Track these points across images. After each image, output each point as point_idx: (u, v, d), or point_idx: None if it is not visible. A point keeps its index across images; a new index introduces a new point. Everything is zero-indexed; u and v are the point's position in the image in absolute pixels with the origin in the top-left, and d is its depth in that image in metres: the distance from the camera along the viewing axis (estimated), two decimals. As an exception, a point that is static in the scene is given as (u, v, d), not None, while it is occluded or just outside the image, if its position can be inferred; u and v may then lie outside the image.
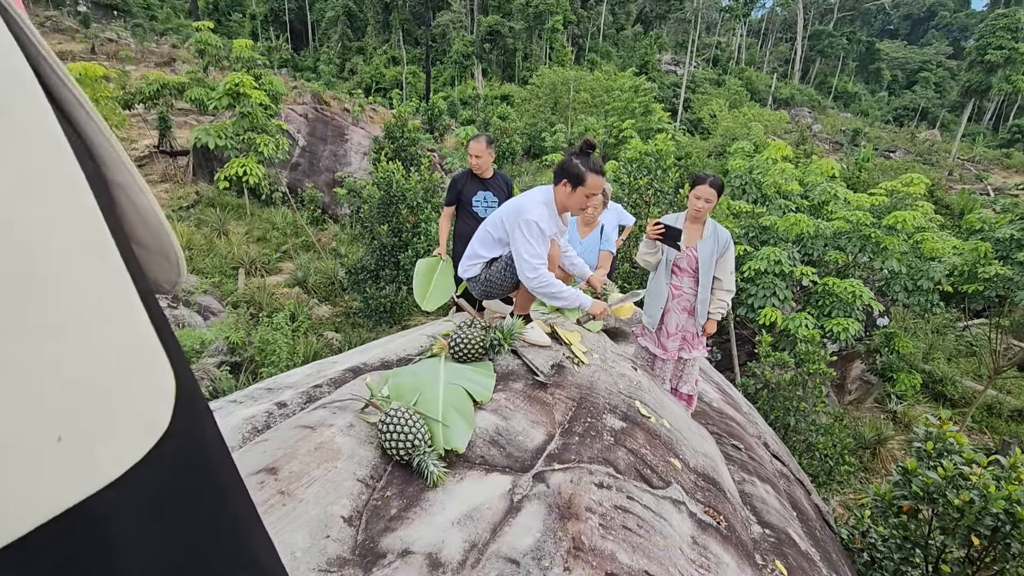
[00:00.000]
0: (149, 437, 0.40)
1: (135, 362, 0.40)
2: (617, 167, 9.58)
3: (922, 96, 49.12)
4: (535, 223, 2.35)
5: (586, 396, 2.22)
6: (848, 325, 7.33)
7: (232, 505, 0.51)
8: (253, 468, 1.44)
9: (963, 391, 10.82)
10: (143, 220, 0.48)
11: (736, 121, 25.41)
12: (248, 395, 2.32)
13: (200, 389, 0.51)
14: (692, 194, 3.14)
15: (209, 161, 14.69)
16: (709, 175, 3.12)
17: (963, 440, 3.09)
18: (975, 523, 2.70)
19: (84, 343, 0.36)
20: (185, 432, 0.45)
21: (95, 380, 0.37)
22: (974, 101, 37.72)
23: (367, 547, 1.29)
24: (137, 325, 0.41)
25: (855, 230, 8.06)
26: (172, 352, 0.45)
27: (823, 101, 47.13)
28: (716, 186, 3.07)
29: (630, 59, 40.68)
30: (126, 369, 0.39)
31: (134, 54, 23.52)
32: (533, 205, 2.41)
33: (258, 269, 11.18)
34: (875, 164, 23.23)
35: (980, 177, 30.15)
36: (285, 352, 6.96)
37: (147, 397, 0.41)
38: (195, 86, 14.90)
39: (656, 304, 3.33)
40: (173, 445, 0.43)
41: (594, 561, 1.34)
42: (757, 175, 8.78)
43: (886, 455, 8.27)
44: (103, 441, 0.37)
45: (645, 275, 8.55)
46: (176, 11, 37.52)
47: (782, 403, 5.62)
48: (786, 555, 2.17)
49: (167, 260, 0.50)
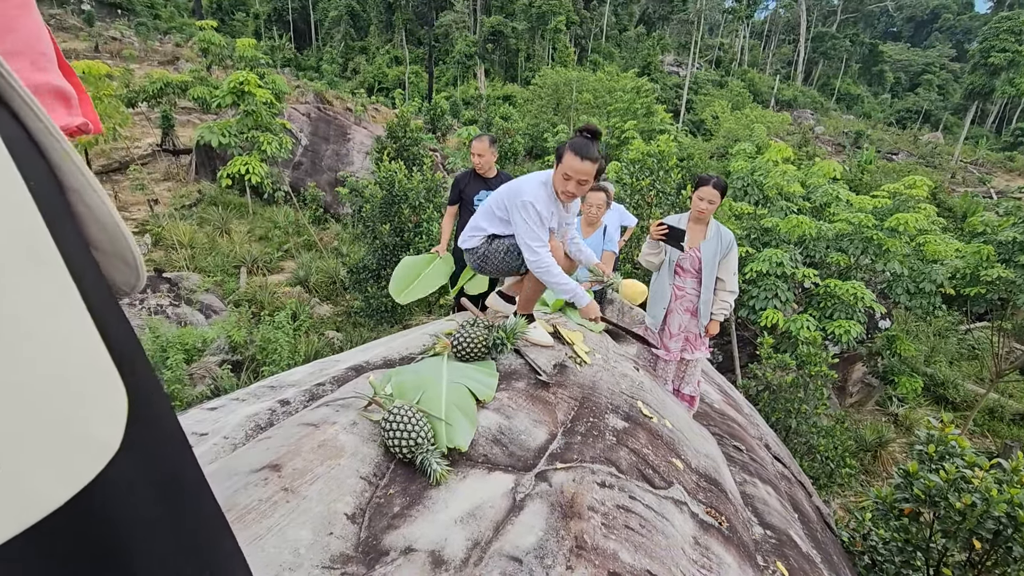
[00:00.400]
0: (99, 459, 0.39)
1: (81, 383, 0.39)
2: (619, 168, 9.58)
3: (925, 98, 49.07)
4: (531, 204, 2.32)
5: (588, 396, 2.23)
6: (850, 327, 7.33)
7: (196, 508, 0.51)
8: (256, 465, 1.44)
9: (965, 394, 10.80)
10: (99, 223, 0.47)
11: (738, 123, 25.39)
12: (251, 393, 2.33)
13: (161, 391, 0.50)
14: (695, 195, 3.14)
15: (212, 160, 14.72)
16: (712, 176, 3.12)
17: (965, 443, 3.08)
18: (977, 526, 2.69)
19: (24, 364, 0.34)
20: (140, 444, 0.44)
21: (38, 403, 0.35)
22: (977, 104, 37.67)
23: (370, 544, 1.30)
24: (86, 343, 0.40)
25: (857, 232, 8.05)
26: (128, 362, 0.43)
27: (826, 103, 47.10)
28: (719, 187, 3.07)
29: (633, 60, 40.70)
30: (72, 391, 0.38)
31: (138, 52, 23.57)
32: (531, 186, 2.38)
33: (260, 268, 11.20)
34: (877, 166, 23.20)
35: (983, 180, 30.10)
36: (286, 351, 6.97)
37: (95, 417, 0.40)
38: (198, 85, 14.93)
39: (659, 305, 3.34)
40: (127, 460, 0.42)
41: (597, 560, 1.34)
42: (759, 176, 8.78)
43: (887, 458, 8.26)
44: (46, 467, 0.35)
45: (647, 275, 8.56)
46: (180, 10, 37.58)
47: (783, 405, 5.61)
48: (787, 556, 2.17)
49: (125, 263, 0.49)
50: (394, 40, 43.24)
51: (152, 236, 11.13)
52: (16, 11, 0.59)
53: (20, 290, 0.35)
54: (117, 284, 0.50)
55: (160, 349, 5.90)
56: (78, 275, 0.40)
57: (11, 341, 0.34)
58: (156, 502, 0.46)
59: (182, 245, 11.05)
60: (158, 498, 0.47)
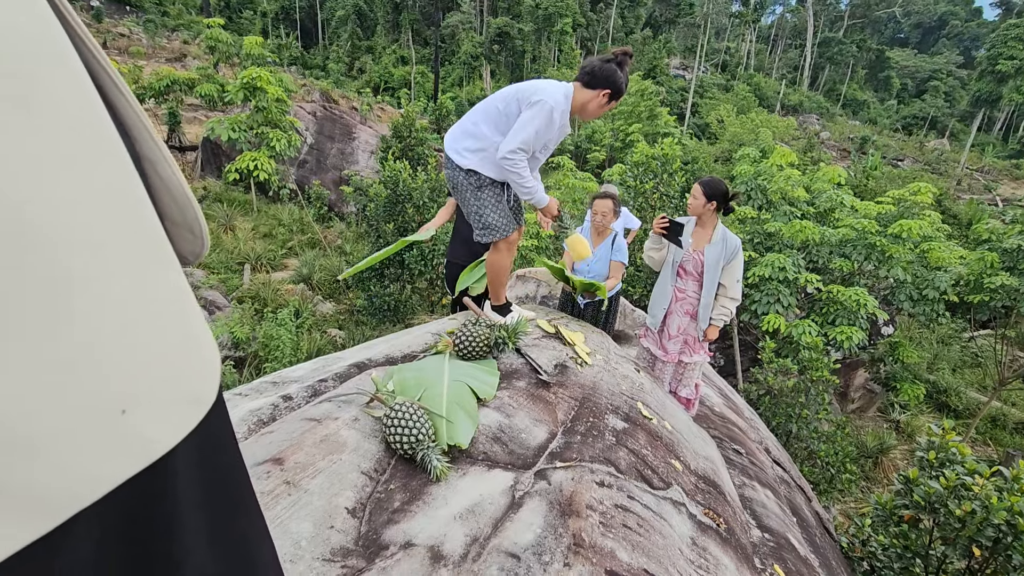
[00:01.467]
0: (198, 410, 0.42)
1: (184, 338, 0.42)
2: (623, 171, 9.59)
3: (931, 105, 48.90)
4: (552, 111, 2.20)
5: (589, 396, 2.24)
6: (852, 334, 7.31)
7: (248, 483, 0.53)
8: (259, 458, 1.46)
9: (967, 402, 10.76)
10: (171, 195, 0.48)
11: (744, 127, 25.37)
12: (254, 388, 2.34)
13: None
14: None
15: (217, 157, 14.78)
16: (706, 177, 3.16)
17: (966, 451, 3.08)
18: (976, 534, 2.69)
19: (136, 316, 0.37)
20: (220, 406, 0.46)
21: (150, 354, 0.38)
22: (984, 111, 37.53)
23: (370, 538, 1.31)
24: (188, 302, 0.43)
25: (861, 238, 8.04)
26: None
27: (832, 108, 46.99)
28: (703, 184, 3.10)
29: (638, 63, 40.68)
30: (177, 345, 0.41)
31: (145, 49, 23.70)
32: (554, 93, 2.24)
33: (263, 265, 11.24)
34: (883, 172, 23.14)
35: (989, 187, 29.98)
36: (289, 348, 6.99)
37: (196, 370, 0.43)
38: (205, 82, 15.00)
39: (659, 305, 3.34)
40: (214, 419, 0.44)
41: (594, 558, 1.35)
42: (763, 181, 8.78)
43: (888, 464, 8.24)
44: (158, 413, 0.38)
45: (648, 277, 8.56)
46: (188, 7, 37.73)
47: (784, 410, 5.61)
48: (785, 560, 2.17)
49: (192, 233, 0.51)
50: (400, 40, 43.35)
51: (157, 232, 11.16)
52: None
53: (137, 259, 0.38)
54: (184, 254, 0.52)
55: (163, 344, 5.95)
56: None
57: (142, 301, 0.37)
58: (227, 468, 0.49)
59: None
60: (229, 463, 0.49)
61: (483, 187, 2.40)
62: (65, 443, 0.32)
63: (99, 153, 0.36)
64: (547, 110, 2.19)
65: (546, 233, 8.64)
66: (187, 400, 0.41)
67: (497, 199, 2.43)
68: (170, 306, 0.41)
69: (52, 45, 0.34)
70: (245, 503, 0.52)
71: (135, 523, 0.38)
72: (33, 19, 0.33)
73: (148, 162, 0.47)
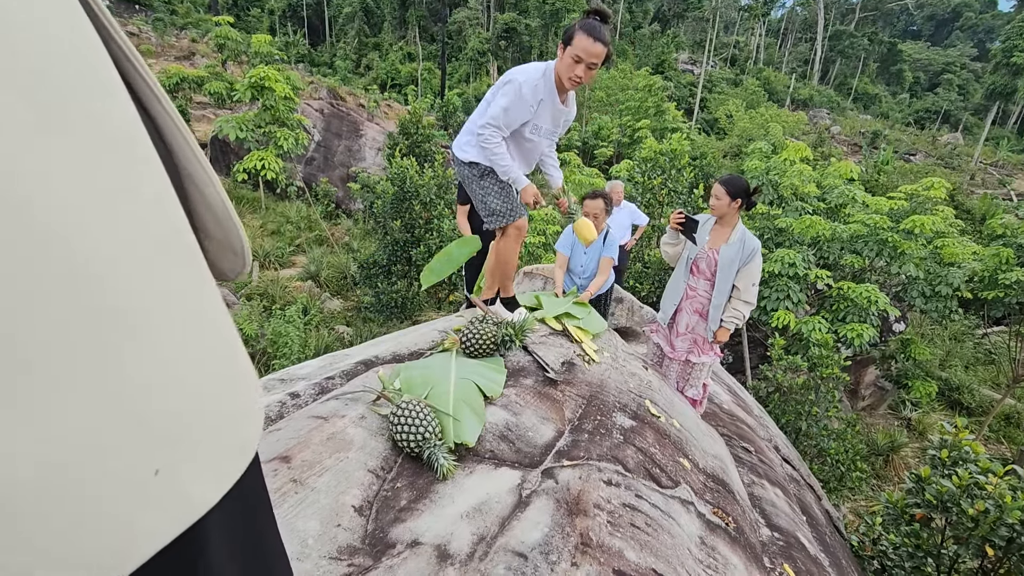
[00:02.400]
0: (243, 460, 0.38)
1: (231, 372, 0.37)
2: (631, 166, 9.53)
3: (945, 98, 48.19)
4: (520, 85, 2.23)
5: (596, 394, 2.22)
6: (863, 331, 7.23)
7: (281, 546, 0.50)
8: (267, 456, 1.46)
9: (980, 400, 10.62)
10: (212, 211, 0.46)
11: (753, 122, 25.12)
12: (261, 385, 2.35)
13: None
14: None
15: (226, 155, 14.86)
16: (727, 175, 3.12)
17: (979, 449, 3.03)
18: (989, 533, 2.65)
19: (178, 358, 0.33)
20: (257, 455, 0.43)
21: (190, 404, 0.34)
22: (998, 104, 36.93)
23: (377, 537, 1.31)
24: (226, 337, 0.38)
25: (872, 234, 7.94)
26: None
27: (842, 102, 46.43)
28: (725, 183, 3.04)
29: (647, 58, 40.41)
30: (219, 389, 0.36)
31: (155, 48, 23.85)
32: (526, 70, 2.29)
33: (272, 262, 11.30)
34: (895, 167, 22.85)
35: (1003, 182, 29.52)
36: (297, 345, 7.03)
37: (244, 411, 0.38)
38: (214, 80, 15.07)
39: (670, 300, 3.32)
40: (254, 470, 0.41)
41: (601, 557, 1.34)
42: (774, 176, 8.69)
43: (899, 463, 8.15)
44: (204, 464, 0.34)
45: (656, 275, 8.52)
46: (196, 5, 37.90)
47: (794, 407, 5.56)
48: (795, 559, 2.15)
49: (233, 251, 0.48)
50: (407, 37, 43.32)
51: (167, 229, 11.26)
52: None
53: (172, 292, 0.34)
54: (224, 271, 0.49)
55: (174, 341, 6.01)
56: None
57: (187, 330, 0.34)
58: (262, 514, 0.45)
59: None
60: (264, 509, 0.45)
61: (484, 175, 2.50)
62: (108, 499, 0.29)
63: (130, 165, 0.33)
64: (514, 86, 2.25)
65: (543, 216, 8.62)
66: (234, 448, 0.37)
67: (499, 186, 2.50)
68: (215, 336, 0.36)
69: (82, 50, 0.31)
70: (278, 570, 0.48)
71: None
72: (62, 20, 0.30)
73: (187, 176, 0.44)
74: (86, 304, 0.28)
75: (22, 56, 0.27)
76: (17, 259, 0.25)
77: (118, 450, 0.29)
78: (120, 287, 0.30)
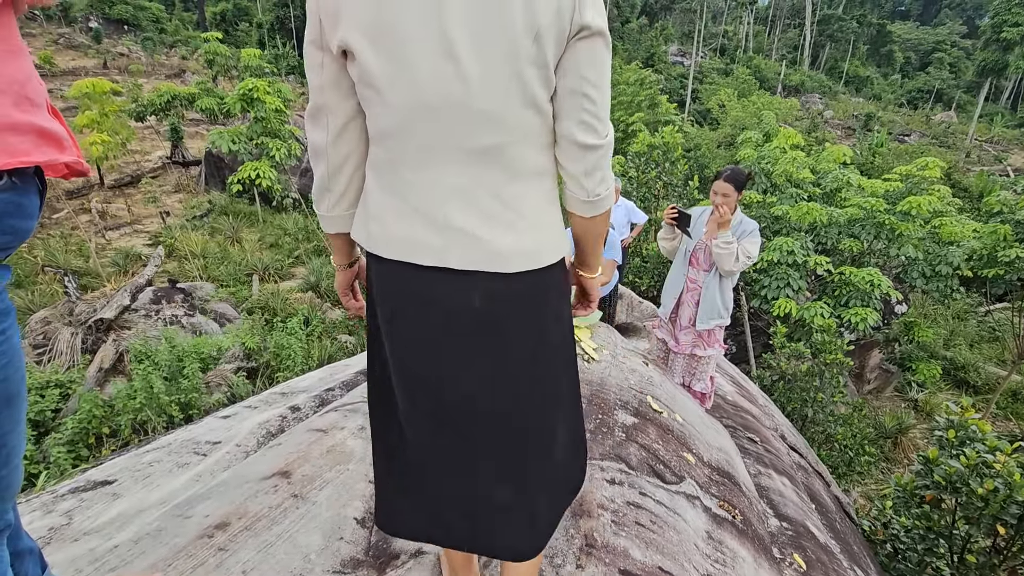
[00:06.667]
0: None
1: None
2: (625, 162, 9.52)
3: (936, 77, 48.11)
4: None
5: (596, 392, 2.22)
6: (866, 315, 7.21)
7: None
8: (267, 472, 1.46)
9: (986, 377, 10.60)
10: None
11: (746, 110, 25.09)
12: (262, 400, 2.35)
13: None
14: (711, 190, 3.06)
15: (221, 170, 14.89)
16: (727, 169, 3.01)
17: (986, 427, 3.02)
18: (1000, 512, 2.64)
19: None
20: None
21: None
22: (991, 81, 36.83)
23: (380, 548, 1.30)
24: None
25: (869, 217, 7.93)
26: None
27: (834, 86, 46.38)
28: (730, 180, 2.94)
29: (636, 52, 40.39)
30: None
31: (145, 67, 23.91)
32: None
33: (271, 275, 11.31)
34: (889, 148, 22.80)
35: (999, 158, 29.48)
36: (300, 356, 7.02)
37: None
38: (205, 96, 15.10)
39: (670, 294, 3.30)
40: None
41: (607, 558, 1.34)
42: (767, 164, 8.68)
43: (908, 444, 8.13)
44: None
45: (656, 269, 8.50)
46: (184, 23, 38.00)
47: (799, 394, 5.54)
48: (804, 548, 2.14)
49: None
50: (396, 43, 43.32)
51: (165, 247, 11.28)
52: (5, 54, 0.62)
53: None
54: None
55: (177, 359, 5.99)
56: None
57: None
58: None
59: (194, 255, 11.20)
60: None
61: None
62: None
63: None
64: None
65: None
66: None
67: None
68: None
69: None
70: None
71: None
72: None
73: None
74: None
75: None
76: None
77: None
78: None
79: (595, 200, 0.91)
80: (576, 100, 0.83)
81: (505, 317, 0.88)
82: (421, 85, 0.79)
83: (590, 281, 1.10)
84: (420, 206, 0.85)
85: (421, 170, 0.85)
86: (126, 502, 1.54)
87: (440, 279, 0.86)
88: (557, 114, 0.86)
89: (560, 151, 0.88)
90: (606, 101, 0.88)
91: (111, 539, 1.29)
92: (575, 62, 0.81)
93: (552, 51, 0.79)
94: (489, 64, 0.77)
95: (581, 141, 0.85)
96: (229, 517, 1.29)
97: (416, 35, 0.77)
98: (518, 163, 0.85)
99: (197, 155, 16.26)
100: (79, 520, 1.47)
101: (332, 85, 0.88)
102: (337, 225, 1.02)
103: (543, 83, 0.81)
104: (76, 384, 5.62)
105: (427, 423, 0.92)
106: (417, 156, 0.84)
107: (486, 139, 0.82)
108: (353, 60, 0.82)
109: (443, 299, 0.87)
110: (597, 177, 0.89)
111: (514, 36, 0.76)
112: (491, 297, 0.86)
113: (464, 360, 0.89)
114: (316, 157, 0.98)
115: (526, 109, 0.82)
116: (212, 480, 1.54)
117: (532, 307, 0.90)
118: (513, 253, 0.85)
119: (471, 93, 0.78)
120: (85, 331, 6.60)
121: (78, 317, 6.82)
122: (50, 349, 6.28)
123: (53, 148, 0.72)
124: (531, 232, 0.87)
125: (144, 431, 4.94)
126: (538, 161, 0.88)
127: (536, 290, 0.90)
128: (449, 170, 0.84)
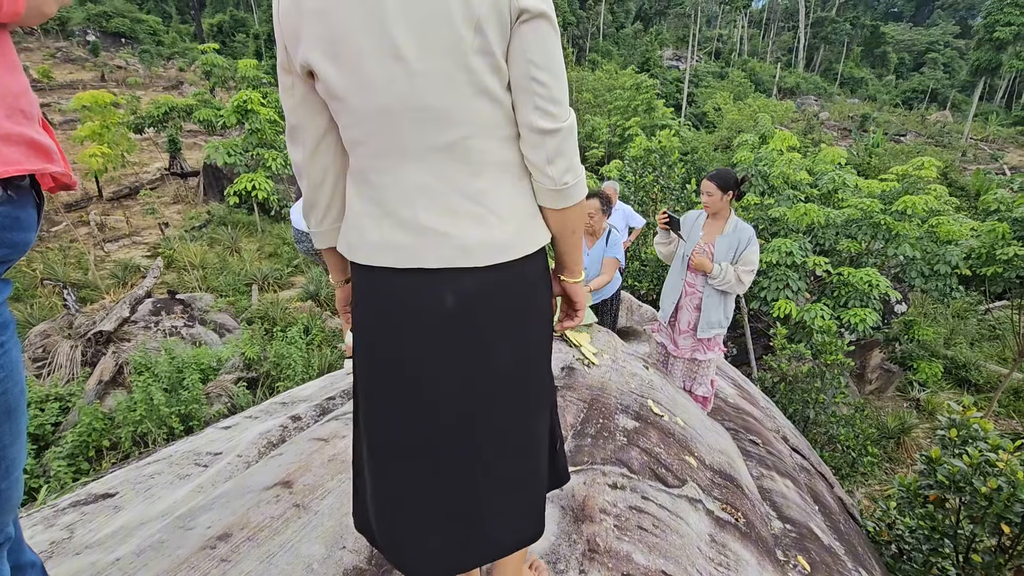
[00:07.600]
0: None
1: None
2: (622, 166, 9.55)
3: (931, 77, 48.38)
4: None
5: (597, 397, 2.22)
6: (865, 316, 7.21)
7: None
8: (268, 482, 1.45)
9: (988, 376, 10.59)
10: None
11: (742, 113, 25.22)
12: (263, 410, 2.35)
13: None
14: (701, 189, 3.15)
15: (219, 181, 14.93)
16: (713, 171, 3.12)
17: (988, 426, 3.02)
18: (1004, 511, 2.63)
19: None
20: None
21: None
22: (985, 80, 37.05)
23: (383, 557, 1.30)
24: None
25: (866, 217, 7.95)
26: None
27: (829, 88, 46.62)
28: (714, 178, 3.04)
29: (631, 57, 40.64)
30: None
31: (142, 79, 24.01)
32: None
33: (271, 284, 11.32)
34: (885, 149, 22.89)
35: (995, 156, 29.59)
36: (300, 365, 7.01)
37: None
38: (202, 107, 15.17)
39: (669, 299, 3.31)
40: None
41: (610, 563, 1.34)
42: (763, 167, 8.71)
43: (911, 444, 8.11)
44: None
45: (655, 272, 8.51)
46: (181, 35, 38.22)
47: (800, 396, 5.54)
48: (808, 550, 2.14)
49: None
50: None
51: (164, 259, 11.30)
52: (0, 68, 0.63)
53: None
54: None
55: (177, 370, 5.99)
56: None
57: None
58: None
59: (194, 266, 11.21)
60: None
61: None
62: None
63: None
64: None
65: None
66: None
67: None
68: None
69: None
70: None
71: None
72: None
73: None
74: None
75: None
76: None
77: None
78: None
79: (563, 189, 0.90)
80: (528, 84, 0.83)
81: (481, 312, 0.88)
82: (376, 90, 0.81)
83: (574, 286, 1.06)
84: (391, 209, 0.87)
85: (389, 173, 0.86)
86: (127, 515, 1.54)
87: (418, 280, 0.86)
88: (515, 104, 0.86)
89: (522, 142, 0.88)
90: (560, 84, 0.86)
91: (113, 552, 1.28)
92: (521, 47, 0.82)
93: (496, 38, 0.79)
94: (434, 59, 0.79)
95: (538, 126, 0.84)
96: (231, 528, 1.29)
97: (364, 43, 0.79)
98: (481, 157, 0.85)
99: (195, 166, 16.31)
100: (81, 534, 1.47)
101: (302, 104, 0.90)
102: (327, 240, 1.03)
103: (492, 71, 0.81)
104: (76, 397, 5.61)
105: (409, 434, 0.91)
106: (384, 160, 0.86)
107: (445, 135, 0.83)
108: (317, 78, 0.84)
109: (423, 300, 0.87)
110: (562, 165, 0.88)
111: (454, 29, 0.77)
112: (464, 292, 0.86)
113: (445, 359, 0.88)
114: (298, 174, 0.99)
115: (478, 100, 0.82)
116: (214, 491, 1.54)
117: (509, 300, 0.90)
118: (482, 247, 0.85)
119: (421, 90, 0.80)
120: (84, 344, 6.59)
121: (77, 330, 6.82)
122: (50, 362, 6.27)
123: (43, 159, 0.73)
124: (501, 225, 0.87)
125: (145, 443, 4.93)
126: (502, 154, 0.87)
127: (512, 283, 0.90)
128: (414, 169, 0.85)
